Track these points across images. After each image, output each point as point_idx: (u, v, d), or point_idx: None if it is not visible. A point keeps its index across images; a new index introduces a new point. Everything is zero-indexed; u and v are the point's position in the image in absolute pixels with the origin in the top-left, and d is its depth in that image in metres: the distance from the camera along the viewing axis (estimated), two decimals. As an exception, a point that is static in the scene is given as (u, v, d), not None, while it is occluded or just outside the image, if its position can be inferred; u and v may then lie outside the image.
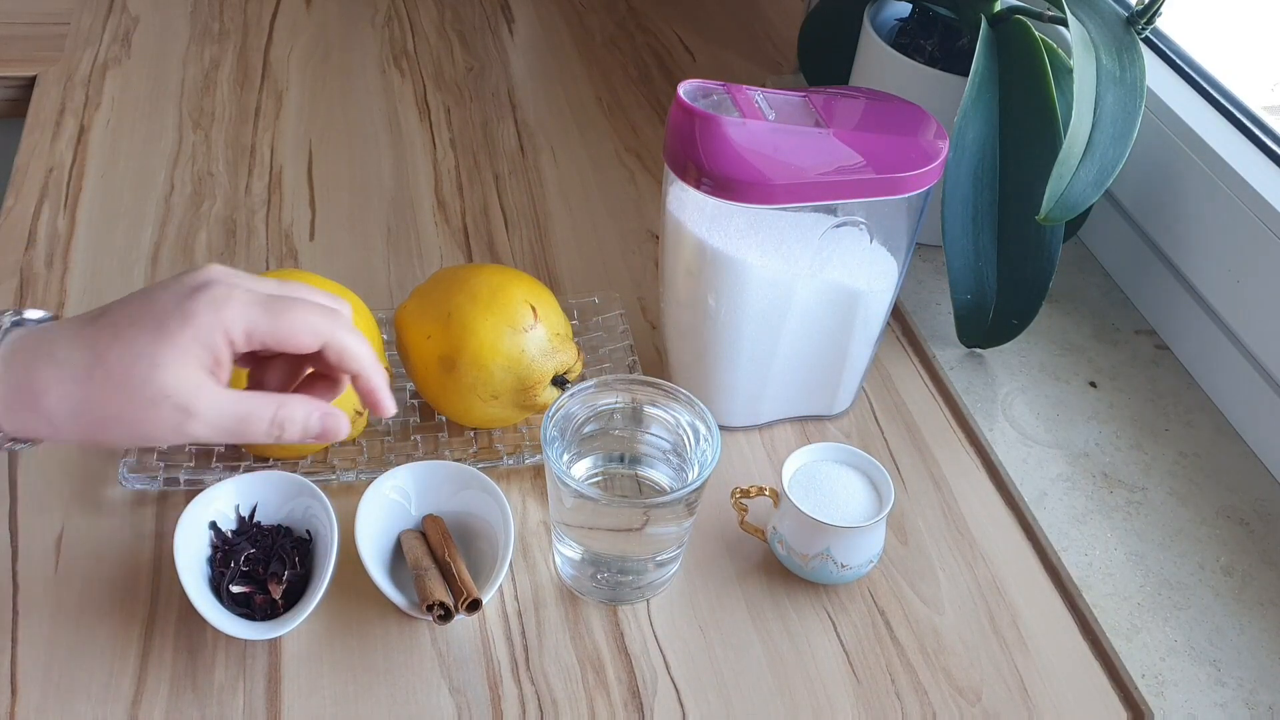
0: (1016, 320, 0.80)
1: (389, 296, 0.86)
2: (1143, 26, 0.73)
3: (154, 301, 0.50)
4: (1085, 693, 0.64)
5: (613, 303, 0.83)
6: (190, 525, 0.63)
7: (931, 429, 0.78)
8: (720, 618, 0.66)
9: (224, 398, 0.51)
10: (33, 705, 0.59)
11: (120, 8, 1.18)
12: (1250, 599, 0.68)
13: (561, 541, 0.65)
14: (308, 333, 0.52)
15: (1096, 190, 0.70)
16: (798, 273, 0.68)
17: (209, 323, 0.50)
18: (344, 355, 0.53)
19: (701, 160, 0.63)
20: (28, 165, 0.96)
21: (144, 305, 0.51)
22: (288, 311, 0.51)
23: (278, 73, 1.10)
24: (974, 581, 0.69)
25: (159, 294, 0.51)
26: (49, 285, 0.84)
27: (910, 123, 0.67)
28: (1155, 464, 0.76)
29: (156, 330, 0.49)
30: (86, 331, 0.50)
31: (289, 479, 0.66)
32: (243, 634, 0.60)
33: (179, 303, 0.50)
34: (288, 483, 0.66)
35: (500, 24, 1.21)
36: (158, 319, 0.50)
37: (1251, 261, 0.76)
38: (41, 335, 0.51)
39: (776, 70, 1.16)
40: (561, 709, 0.61)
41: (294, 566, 0.63)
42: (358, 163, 1.00)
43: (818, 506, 0.65)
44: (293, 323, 0.51)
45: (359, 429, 0.71)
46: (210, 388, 0.50)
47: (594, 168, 1.01)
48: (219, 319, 0.50)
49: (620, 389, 0.66)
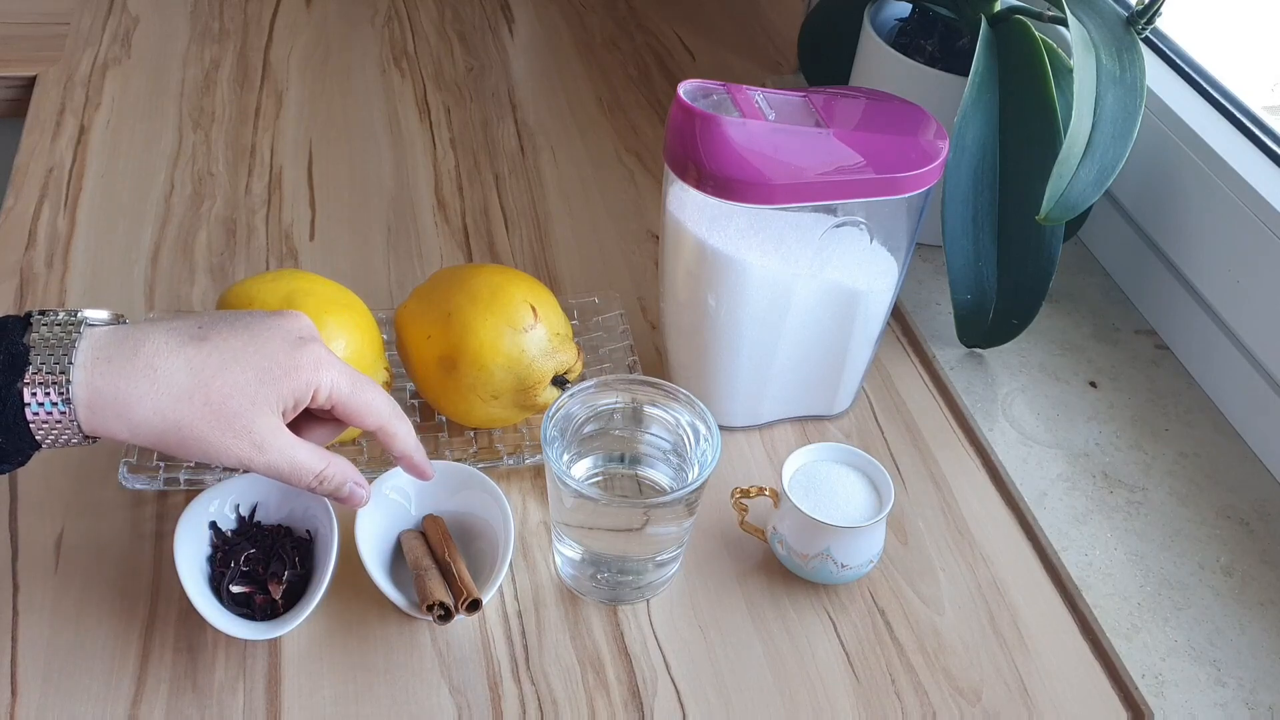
0: (1016, 320, 0.80)
1: (389, 296, 0.86)
2: (1143, 26, 0.73)
3: (261, 342, 0.54)
4: (1085, 693, 0.64)
5: (613, 303, 0.83)
6: (190, 525, 0.63)
7: (931, 429, 0.78)
8: (720, 618, 0.66)
9: (288, 444, 0.55)
10: (33, 705, 0.59)
11: (120, 8, 1.18)
12: (1250, 599, 0.68)
13: (561, 541, 0.65)
14: (373, 414, 0.58)
15: (1096, 190, 0.70)
16: (798, 273, 0.68)
17: (309, 380, 0.55)
18: (393, 440, 0.60)
19: (702, 160, 0.63)
20: (28, 165, 0.96)
21: (251, 343, 0.54)
22: (366, 391, 0.57)
23: (278, 73, 1.10)
24: (974, 581, 0.69)
25: (265, 335, 0.55)
26: (49, 285, 0.84)
27: (910, 123, 0.67)
28: (1155, 464, 0.76)
29: (262, 374, 0.54)
30: (191, 352, 0.53)
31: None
32: (243, 634, 0.60)
33: (287, 352, 0.55)
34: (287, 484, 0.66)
35: (500, 24, 1.21)
36: (264, 363, 0.54)
37: (1251, 261, 0.76)
38: (137, 344, 0.52)
39: (776, 70, 1.16)
40: (561, 709, 0.61)
41: (294, 566, 0.63)
42: (358, 163, 1.00)
43: (818, 506, 0.65)
44: (368, 402, 0.57)
45: (358, 430, 0.71)
46: (283, 432, 0.55)
47: (594, 168, 1.01)
48: (317, 378, 0.55)
49: (620, 389, 0.66)
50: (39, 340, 0.51)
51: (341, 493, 0.59)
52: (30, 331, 0.52)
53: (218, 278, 0.86)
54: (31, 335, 0.51)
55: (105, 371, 0.51)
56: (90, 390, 0.51)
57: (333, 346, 0.67)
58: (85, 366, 0.51)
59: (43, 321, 0.52)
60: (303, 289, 0.69)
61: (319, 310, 0.68)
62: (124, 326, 0.54)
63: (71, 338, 0.52)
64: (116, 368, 0.51)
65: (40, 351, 0.51)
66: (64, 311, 0.53)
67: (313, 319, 0.67)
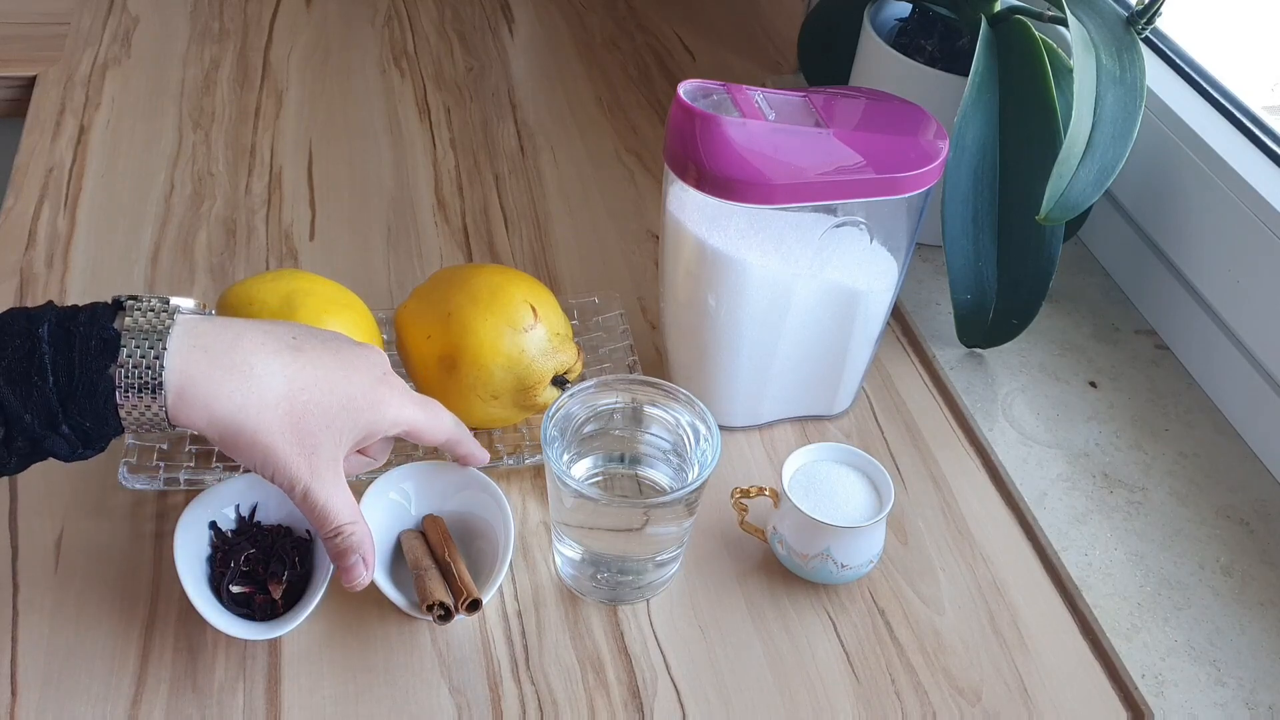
0: (1016, 320, 0.80)
1: (389, 296, 0.86)
2: (1143, 26, 0.73)
3: (351, 370, 0.55)
4: (1085, 693, 0.64)
5: (613, 303, 0.83)
6: (190, 525, 0.63)
7: (931, 429, 0.78)
8: (720, 618, 0.66)
9: (334, 484, 0.55)
10: (33, 705, 0.59)
11: (120, 8, 1.18)
12: (1250, 599, 0.68)
13: (561, 541, 0.65)
14: (441, 434, 0.61)
15: (1096, 190, 0.70)
16: (798, 273, 0.68)
17: (390, 416, 0.56)
18: (458, 447, 0.63)
19: (701, 160, 0.63)
20: (28, 165, 0.96)
21: (342, 368, 0.55)
22: (435, 417, 0.60)
23: (278, 73, 1.10)
24: (974, 581, 0.69)
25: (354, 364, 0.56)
26: (49, 285, 0.84)
27: (910, 123, 0.67)
28: (1155, 464, 0.76)
29: (348, 401, 0.55)
30: (288, 359, 0.54)
31: None
32: (243, 634, 0.60)
33: (372, 385, 0.56)
34: None
35: (500, 24, 1.21)
36: (352, 390, 0.55)
37: (1251, 261, 0.76)
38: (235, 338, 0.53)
39: (776, 70, 1.16)
40: (561, 709, 0.61)
41: (294, 567, 0.63)
42: (358, 163, 1.00)
43: (818, 506, 0.65)
44: (439, 426, 0.60)
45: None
46: (336, 469, 0.55)
47: (594, 168, 1.01)
48: (394, 414, 0.57)
49: (620, 389, 0.66)
50: (132, 325, 0.51)
51: (347, 559, 0.58)
52: (123, 316, 0.52)
53: (218, 278, 0.86)
54: (124, 320, 0.51)
55: (200, 360, 0.51)
56: (183, 377, 0.51)
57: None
58: (181, 353, 0.51)
59: (135, 307, 0.52)
60: (303, 289, 0.70)
61: (319, 310, 0.68)
62: (218, 319, 0.54)
63: (165, 324, 0.51)
64: (213, 358, 0.51)
65: (134, 336, 0.51)
66: (156, 298, 0.53)
67: (313, 319, 0.68)
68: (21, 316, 0.51)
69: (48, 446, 0.51)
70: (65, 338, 0.50)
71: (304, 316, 0.68)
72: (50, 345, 0.49)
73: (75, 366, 0.50)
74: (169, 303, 0.53)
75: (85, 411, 0.50)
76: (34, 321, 0.50)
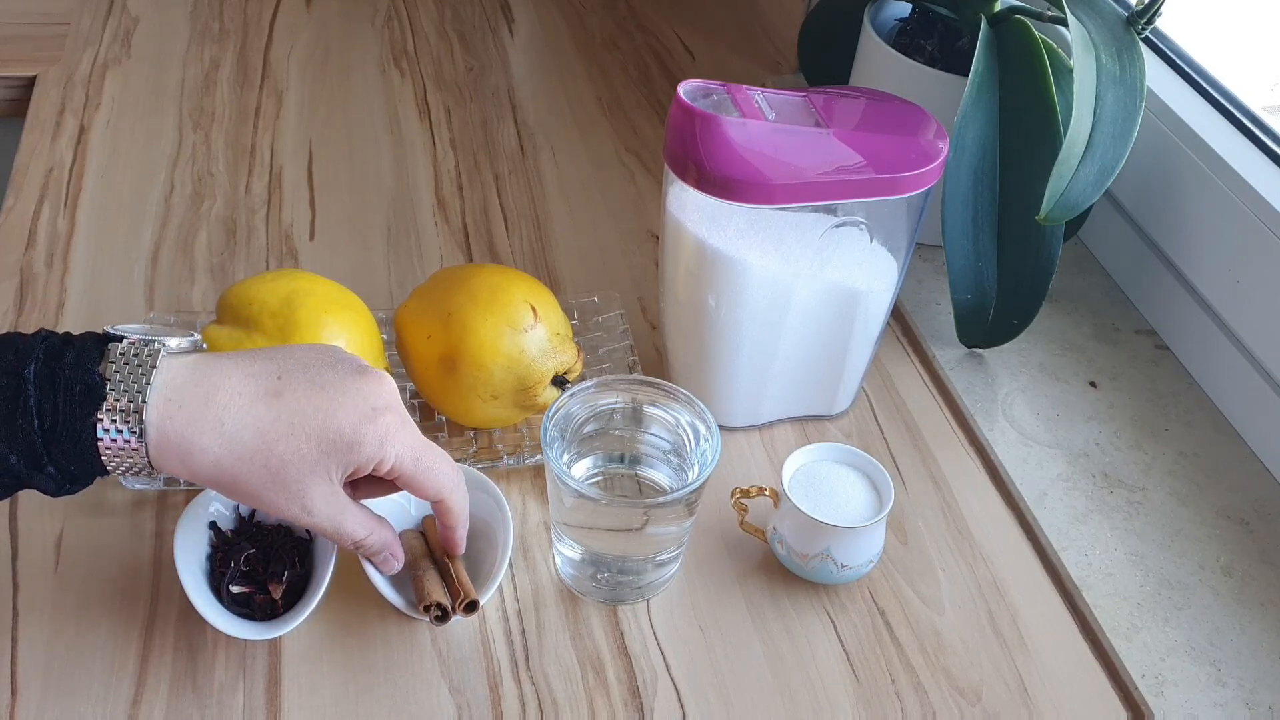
0: (1016, 320, 0.80)
1: (389, 296, 0.86)
2: (1143, 26, 0.73)
3: (334, 408, 0.53)
4: (1085, 693, 0.64)
5: (613, 303, 0.83)
6: (190, 525, 0.63)
7: (931, 429, 0.78)
8: (720, 618, 0.66)
9: (337, 509, 0.55)
10: (33, 705, 0.59)
11: (120, 8, 1.18)
12: (1250, 599, 0.68)
13: (561, 541, 0.65)
14: (433, 488, 0.57)
15: (1096, 190, 0.70)
16: (798, 273, 0.68)
17: (370, 455, 0.54)
18: (448, 513, 0.60)
19: (701, 160, 0.63)
20: (28, 165, 0.96)
21: (323, 407, 0.53)
22: (430, 466, 0.56)
23: (278, 73, 1.10)
24: (974, 581, 0.69)
25: (339, 400, 0.53)
26: (49, 285, 0.84)
27: (910, 123, 0.67)
28: (1155, 464, 0.76)
29: (325, 445, 0.53)
30: (262, 410, 0.52)
31: None
32: (243, 634, 0.60)
33: (355, 425, 0.53)
34: None
35: (500, 24, 1.21)
36: (330, 434, 0.53)
37: (1251, 261, 0.76)
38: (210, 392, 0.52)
39: (776, 70, 1.16)
40: (561, 709, 0.61)
41: (294, 567, 0.63)
42: (358, 163, 1.00)
43: (818, 506, 0.65)
44: (431, 477, 0.57)
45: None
46: (334, 498, 0.55)
47: (594, 168, 1.01)
48: (380, 454, 0.54)
49: (620, 389, 0.66)
50: (115, 372, 0.51)
51: (377, 559, 0.60)
52: (106, 360, 0.51)
53: (218, 278, 0.86)
54: (109, 366, 0.51)
55: (174, 416, 0.51)
56: (160, 432, 0.51)
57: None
58: (158, 407, 0.51)
59: (120, 349, 0.51)
60: (303, 289, 0.69)
61: (319, 310, 0.68)
62: (201, 364, 0.53)
63: (148, 371, 0.51)
64: (187, 414, 0.51)
65: (115, 388, 0.50)
66: (144, 339, 0.52)
67: (313, 319, 0.68)
68: (10, 352, 0.50)
69: (34, 484, 0.51)
70: (50, 380, 0.50)
71: (304, 316, 0.68)
72: (36, 388, 0.49)
73: (60, 412, 0.49)
74: (156, 344, 0.52)
75: (69, 456, 0.50)
76: (21, 359, 0.50)
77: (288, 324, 0.67)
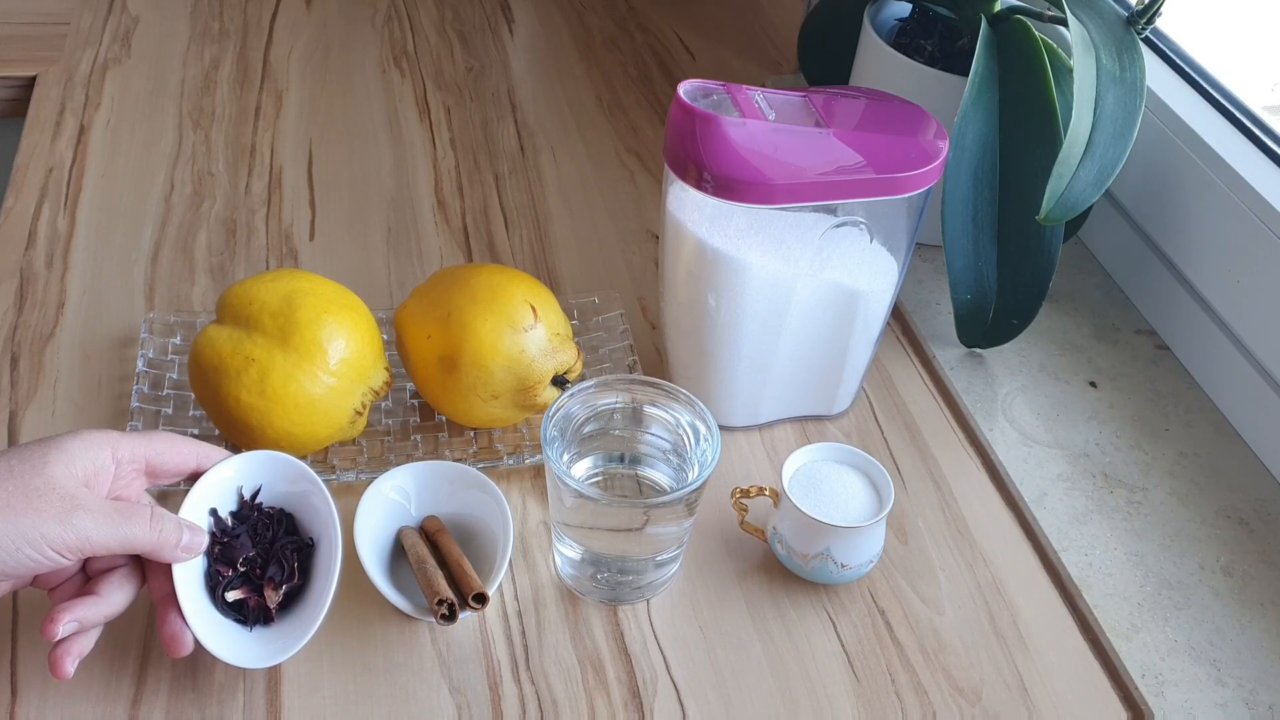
0: (1016, 320, 0.80)
1: (389, 296, 0.86)
2: (1143, 26, 0.73)
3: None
4: (1085, 693, 0.64)
5: (613, 303, 0.83)
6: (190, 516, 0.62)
7: (931, 429, 0.78)
8: (720, 618, 0.66)
9: (100, 498, 0.56)
10: (33, 705, 0.59)
11: (120, 8, 1.18)
12: (1250, 599, 0.68)
13: (561, 541, 0.65)
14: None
15: (1096, 190, 0.70)
16: (798, 273, 0.68)
17: (97, 439, 0.56)
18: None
19: (702, 160, 0.63)
20: (28, 165, 0.96)
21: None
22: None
23: (278, 73, 1.10)
24: (974, 581, 0.69)
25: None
26: (49, 285, 0.84)
27: (910, 123, 0.67)
28: (1155, 464, 0.76)
29: (46, 442, 0.55)
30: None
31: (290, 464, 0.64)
32: (241, 662, 0.58)
33: (57, 438, 0.56)
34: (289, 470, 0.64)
35: (500, 24, 1.21)
36: (43, 444, 0.55)
37: (1251, 261, 0.76)
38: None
39: (776, 70, 1.16)
40: (561, 709, 0.61)
41: (292, 577, 0.62)
42: (358, 163, 1.00)
43: (818, 506, 0.65)
44: (169, 447, 0.59)
45: (359, 429, 0.71)
46: (87, 492, 0.55)
47: (594, 168, 1.01)
48: (105, 435, 0.56)
49: (620, 389, 0.66)
50: None
51: (182, 537, 0.58)
52: None
53: (218, 278, 0.86)
54: None
55: None
56: None
57: (332, 347, 0.67)
58: None
59: None
60: (303, 289, 0.70)
61: (319, 310, 0.68)
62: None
63: None
64: None
65: None
66: None
67: (312, 319, 0.68)
68: None
69: None
70: None
71: (304, 316, 0.68)
72: None
73: None
74: None
75: None
76: None
77: (288, 324, 0.67)
